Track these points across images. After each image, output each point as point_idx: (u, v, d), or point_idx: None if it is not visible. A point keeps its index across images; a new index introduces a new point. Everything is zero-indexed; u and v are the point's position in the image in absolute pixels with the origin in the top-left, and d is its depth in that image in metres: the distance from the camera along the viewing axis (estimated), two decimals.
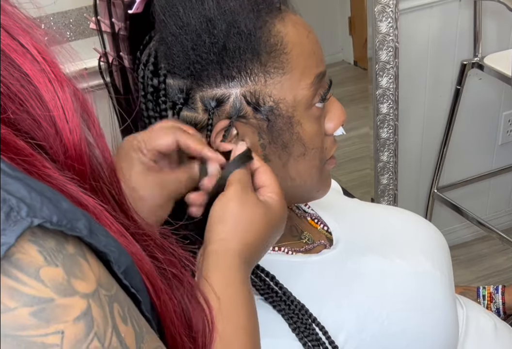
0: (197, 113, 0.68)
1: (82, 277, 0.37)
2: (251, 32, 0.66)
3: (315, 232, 0.83)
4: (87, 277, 0.38)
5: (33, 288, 0.35)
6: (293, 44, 0.68)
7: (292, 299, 0.69)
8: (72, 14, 1.39)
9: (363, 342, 0.71)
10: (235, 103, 0.67)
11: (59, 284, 0.36)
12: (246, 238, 0.61)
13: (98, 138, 0.45)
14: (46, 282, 0.36)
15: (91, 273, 0.38)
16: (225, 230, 0.61)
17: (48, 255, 0.36)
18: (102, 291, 0.39)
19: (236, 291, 0.58)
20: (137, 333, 0.40)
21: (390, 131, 1.73)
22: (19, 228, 0.35)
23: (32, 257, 0.35)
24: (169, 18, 0.66)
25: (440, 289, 0.79)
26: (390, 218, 0.89)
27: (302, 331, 0.68)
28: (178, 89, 0.68)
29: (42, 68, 0.42)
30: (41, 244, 0.36)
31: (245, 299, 0.59)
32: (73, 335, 0.36)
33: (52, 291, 0.36)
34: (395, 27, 1.58)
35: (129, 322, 0.40)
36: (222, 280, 0.58)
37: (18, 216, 0.35)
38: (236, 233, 0.61)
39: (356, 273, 0.76)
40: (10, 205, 0.35)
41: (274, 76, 0.68)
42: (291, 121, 0.69)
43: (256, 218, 0.62)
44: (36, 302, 0.35)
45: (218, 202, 0.63)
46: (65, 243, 0.38)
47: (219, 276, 0.59)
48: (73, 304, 0.36)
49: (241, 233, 0.61)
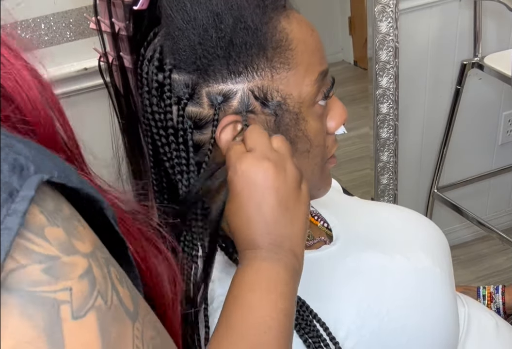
0: (203, 109, 0.68)
1: (80, 238, 0.39)
2: (257, 27, 0.66)
3: (315, 229, 0.84)
4: (84, 238, 0.39)
5: (41, 246, 0.36)
6: (297, 40, 0.69)
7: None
8: (72, 14, 1.39)
9: (363, 339, 0.71)
10: (244, 98, 0.67)
11: (62, 243, 0.37)
12: (266, 228, 0.62)
13: (60, 114, 0.46)
14: (51, 241, 0.37)
15: (87, 235, 0.40)
16: (239, 223, 0.63)
17: (49, 216, 0.37)
18: (99, 253, 0.40)
19: (270, 281, 0.60)
20: (132, 295, 0.42)
21: (390, 131, 1.73)
22: (33, 183, 0.36)
23: (37, 216, 0.36)
24: (176, 12, 0.66)
25: (440, 285, 0.79)
26: (390, 215, 0.90)
27: (303, 328, 0.68)
28: (183, 84, 0.68)
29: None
30: (42, 205, 0.37)
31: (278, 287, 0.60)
32: (80, 292, 0.37)
33: (57, 249, 0.37)
34: (395, 27, 1.58)
35: (124, 284, 0.41)
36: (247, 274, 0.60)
37: (29, 172, 0.36)
38: (251, 225, 0.62)
39: (356, 269, 0.76)
40: (21, 164, 0.36)
41: (280, 71, 0.68)
42: (297, 117, 0.70)
43: (274, 208, 0.63)
44: (45, 259, 0.36)
45: (230, 195, 0.64)
46: (62, 204, 0.39)
47: (242, 272, 0.61)
48: (77, 262, 0.37)
49: (256, 225, 0.62)
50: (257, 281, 0.60)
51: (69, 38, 1.41)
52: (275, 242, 0.62)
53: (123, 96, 0.78)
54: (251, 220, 0.62)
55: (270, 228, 0.62)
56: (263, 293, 0.59)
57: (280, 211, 0.62)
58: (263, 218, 0.62)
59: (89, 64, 1.41)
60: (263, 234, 0.62)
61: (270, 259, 0.61)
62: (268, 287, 0.59)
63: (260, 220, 0.62)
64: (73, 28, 1.40)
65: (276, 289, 0.59)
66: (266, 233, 0.62)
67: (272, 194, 0.62)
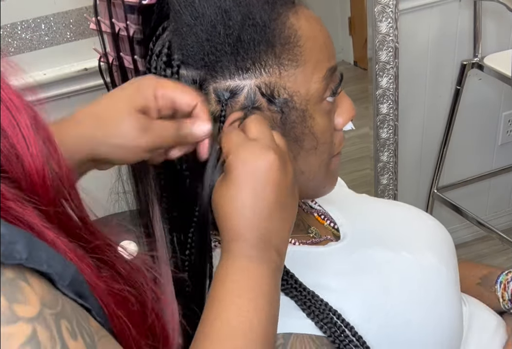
0: (210, 104, 0.68)
1: (24, 301, 0.37)
2: (265, 23, 0.66)
3: (322, 228, 0.84)
4: (29, 300, 0.38)
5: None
6: (306, 37, 0.68)
7: (304, 286, 0.70)
8: (72, 14, 1.39)
9: (371, 332, 0.71)
10: (250, 94, 0.67)
11: (2, 312, 0.36)
12: (259, 224, 0.60)
13: (55, 152, 0.44)
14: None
15: (33, 295, 0.38)
16: (234, 218, 0.60)
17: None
18: (47, 311, 0.38)
19: (256, 280, 0.59)
20: (88, 346, 0.40)
21: (390, 131, 1.73)
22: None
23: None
24: (184, 8, 0.66)
25: (445, 283, 0.79)
26: (397, 213, 0.90)
27: (317, 315, 0.68)
28: (191, 80, 0.67)
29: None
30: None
31: (265, 286, 0.59)
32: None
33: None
34: (395, 27, 1.58)
35: (78, 336, 0.40)
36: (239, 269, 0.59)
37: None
38: (246, 220, 0.60)
39: (362, 264, 0.76)
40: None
41: (288, 68, 0.68)
42: (304, 115, 0.69)
43: (270, 202, 0.60)
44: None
45: (220, 185, 0.62)
46: (3, 268, 0.37)
47: (230, 266, 0.59)
48: (17, 331, 0.36)
49: (251, 221, 0.60)
50: (245, 286, 0.58)
51: (69, 39, 1.41)
52: (264, 237, 0.60)
53: None
54: (245, 210, 0.60)
55: (262, 222, 0.60)
56: (251, 298, 0.58)
57: (276, 207, 0.61)
58: (258, 211, 0.60)
59: (89, 64, 1.41)
60: (254, 227, 0.60)
61: (257, 259, 0.59)
62: (255, 292, 0.58)
63: (254, 212, 0.60)
64: (73, 28, 1.40)
65: (263, 294, 0.58)
66: (256, 227, 0.60)
67: (273, 188, 0.60)
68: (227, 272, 0.59)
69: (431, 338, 0.76)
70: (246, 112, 0.67)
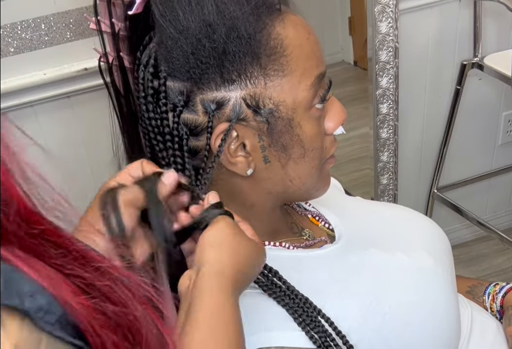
0: (198, 116, 0.68)
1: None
2: (251, 36, 0.66)
3: (316, 229, 0.84)
4: (4, 344, 0.35)
5: None
6: (293, 46, 0.68)
7: (296, 293, 0.70)
8: (72, 14, 1.39)
9: (366, 335, 0.71)
10: (235, 106, 0.67)
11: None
12: (240, 265, 0.62)
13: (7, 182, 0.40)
14: None
15: (5, 340, 0.36)
16: (221, 254, 0.61)
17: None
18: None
19: (228, 314, 0.59)
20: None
21: (390, 131, 1.73)
22: None
23: None
24: (169, 22, 0.66)
25: (441, 284, 0.79)
26: (392, 214, 0.90)
27: (308, 324, 0.68)
28: (178, 92, 0.68)
29: None
30: None
31: (236, 324, 0.59)
32: None
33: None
34: (395, 27, 1.58)
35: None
36: (217, 301, 0.59)
37: None
38: (231, 258, 0.61)
39: (358, 266, 0.76)
40: None
41: (274, 78, 0.67)
42: (291, 124, 0.69)
43: (250, 249, 0.63)
44: None
45: (213, 228, 0.63)
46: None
47: (213, 298, 0.59)
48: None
49: (236, 260, 0.61)
50: (229, 319, 0.60)
51: (69, 38, 1.41)
52: (238, 274, 0.62)
53: (123, 96, 0.78)
54: (234, 253, 0.62)
55: (240, 265, 0.62)
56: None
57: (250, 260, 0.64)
58: (242, 256, 0.63)
59: (89, 64, 1.41)
60: (234, 267, 0.61)
61: (233, 292, 0.61)
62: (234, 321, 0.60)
63: (242, 257, 0.62)
64: (73, 28, 1.40)
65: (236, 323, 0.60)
66: (237, 269, 0.62)
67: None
68: (210, 304, 0.61)
69: (430, 340, 0.75)
70: (232, 123, 0.67)
